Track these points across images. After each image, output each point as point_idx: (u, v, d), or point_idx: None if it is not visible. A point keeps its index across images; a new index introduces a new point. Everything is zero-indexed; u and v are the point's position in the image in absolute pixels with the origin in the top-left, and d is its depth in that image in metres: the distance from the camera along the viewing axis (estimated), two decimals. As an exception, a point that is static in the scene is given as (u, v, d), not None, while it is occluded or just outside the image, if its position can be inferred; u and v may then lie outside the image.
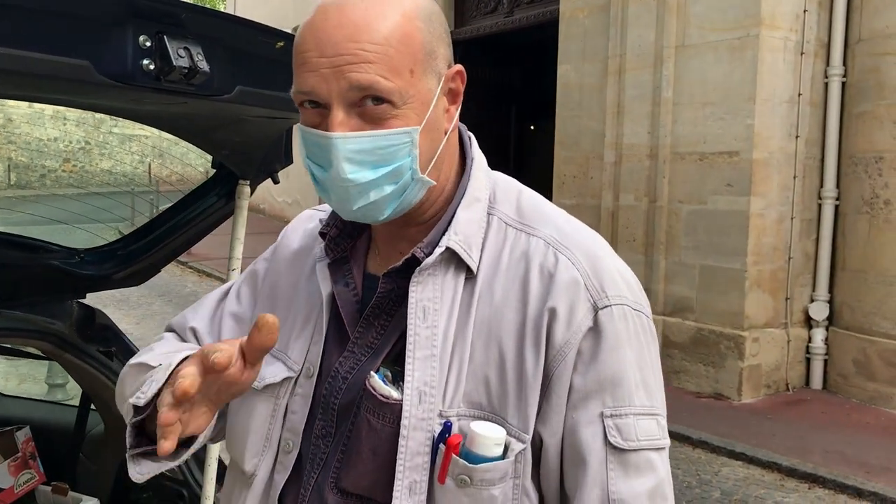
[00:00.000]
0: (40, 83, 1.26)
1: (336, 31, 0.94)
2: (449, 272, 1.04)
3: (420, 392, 1.00)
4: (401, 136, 0.97)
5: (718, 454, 5.90)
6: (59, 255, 2.21)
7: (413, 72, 0.96)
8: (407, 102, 0.96)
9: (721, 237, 7.00)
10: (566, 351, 0.98)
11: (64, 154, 26.61)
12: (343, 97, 0.95)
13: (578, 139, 8.29)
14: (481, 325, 1.02)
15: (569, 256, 1.03)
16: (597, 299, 1.00)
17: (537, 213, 1.09)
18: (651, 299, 7.48)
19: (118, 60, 1.28)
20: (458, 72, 1.04)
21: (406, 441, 1.00)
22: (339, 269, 1.13)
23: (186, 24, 1.34)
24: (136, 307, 10.76)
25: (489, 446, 0.97)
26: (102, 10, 1.26)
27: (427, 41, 0.99)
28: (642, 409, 1.00)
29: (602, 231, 7.92)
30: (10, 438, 2.53)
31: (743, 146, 6.81)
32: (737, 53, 6.82)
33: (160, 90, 1.34)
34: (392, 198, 1.00)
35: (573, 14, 8.30)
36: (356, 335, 1.09)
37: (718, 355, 7.06)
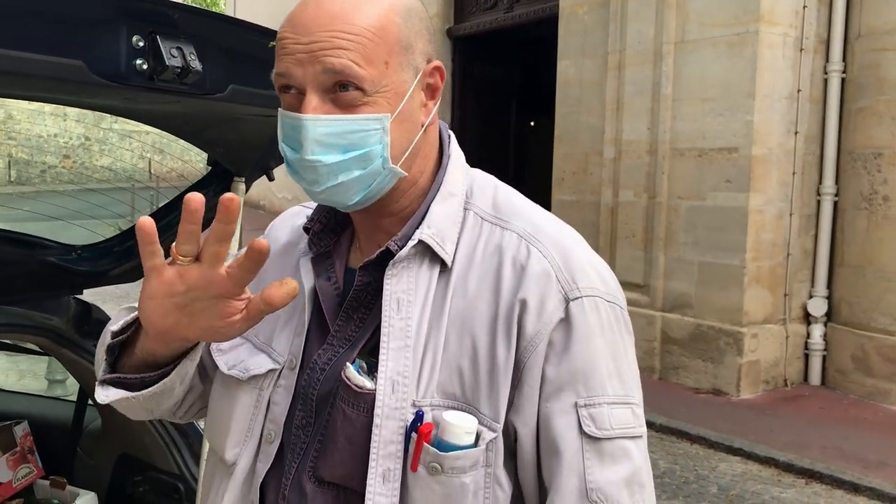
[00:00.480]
0: (35, 83, 1.28)
1: (313, 19, 0.98)
2: (423, 265, 1.06)
3: (393, 382, 1.02)
4: (371, 122, 1.00)
5: (716, 449, 5.92)
6: (55, 252, 2.23)
7: (388, 63, 1.00)
8: (379, 91, 0.99)
9: (720, 233, 7.01)
10: (537, 342, 1.00)
11: (64, 150, 26.63)
12: (317, 81, 0.98)
13: (578, 135, 8.30)
14: (455, 317, 1.04)
15: (540, 249, 1.04)
16: (568, 291, 1.02)
17: (512, 208, 1.11)
18: (650, 295, 7.51)
19: (112, 60, 1.29)
20: (436, 67, 1.07)
21: (379, 430, 1.02)
22: (321, 263, 1.16)
23: (179, 24, 1.36)
24: (135, 302, 10.75)
25: (459, 435, 0.99)
26: (96, 11, 1.28)
27: (404, 35, 1.01)
28: (616, 398, 1.01)
29: (601, 227, 7.94)
30: (8, 433, 2.55)
31: (742, 142, 6.82)
32: (736, 49, 6.82)
33: (154, 89, 1.35)
34: (360, 183, 1.02)
35: (573, 10, 8.30)
36: (336, 328, 1.11)
37: (717, 351, 7.07)
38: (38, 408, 2.96)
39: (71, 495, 2.48)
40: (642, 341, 7.62)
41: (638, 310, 7.63)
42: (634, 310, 7.63)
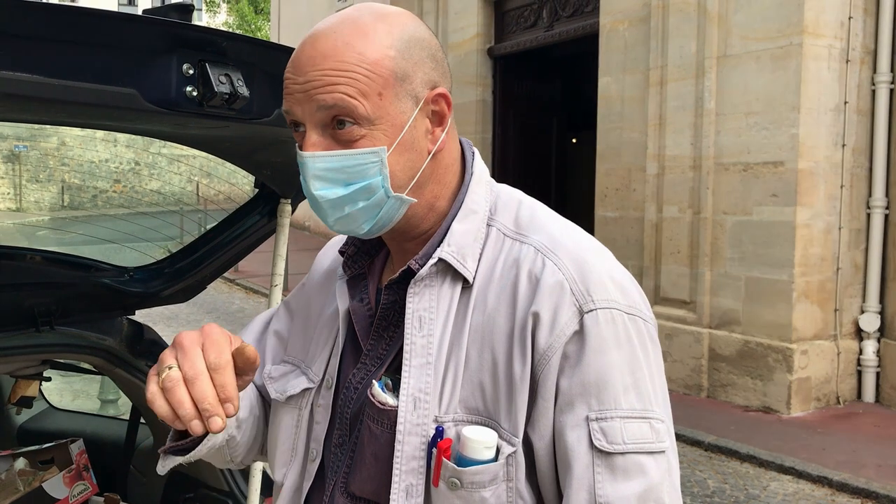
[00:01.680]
0: (91, 111, 1.33)
1: (308, 59, 1.02)
2: (445, 283, 1.08)
3: (415, 399, 1.04)
4: (368, 155, 1.02)
5: (767, 468, 5.81)
6: (109, 274, 2.29)
7: (382, 95, 1.01)
8: (375, 124, 1.02)
9: (767, 248, 6.92)
10: (549, 354, 1.00)
11: (114, 175, 27.27)
12: (314, 118, 1.02)
13: (620, 151, 8.27)
14: (475, 333, 1.05)
15: (555, 261, 1.04)
16: (582, 303, 1.01)
17: (533, 223, 1.11)
18: (697, 312, 7.42)
19: (163, 88, 1.34)
20: (439, 94, 1.07)
21: (402, 446, 1.04)
22: (356, 285, 1.19)
23: (227, 52, 1.40)
24: (185, 324, 10.95)
25: (479, 450, 0.99)
26: (148, 41, 1.33)
27: (400, 67, 1.03)
28: (631, 412, 0.99)
29: (645, 244, 7.89)
30: (65, 451, 2.62)
31: (788, 156, 6.73)
32: (780, 62, 6.75)
33: (203, 115, 1.39)
34: (367, 213, 1.05)
35: (613, 26, 8.30)
36: (368, 347, 1.14)
37: (766, 368, 6.95)
38: (93, 426, 3.03)
39: (124, 512, 2.54)
40: (689, 359, 7.53)
41: (684, 327, 7.55)
42: (681, 327, 7.55)
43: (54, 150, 26.25)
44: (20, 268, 2.14)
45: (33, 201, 26.28)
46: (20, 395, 2.53)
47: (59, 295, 2.16)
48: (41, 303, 2.11)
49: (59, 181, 26.61)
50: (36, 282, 2.16)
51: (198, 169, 25.82)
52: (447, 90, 1.08)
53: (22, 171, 26.06)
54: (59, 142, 26.44)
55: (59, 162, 26.48)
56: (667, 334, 7.67)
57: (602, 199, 8.51)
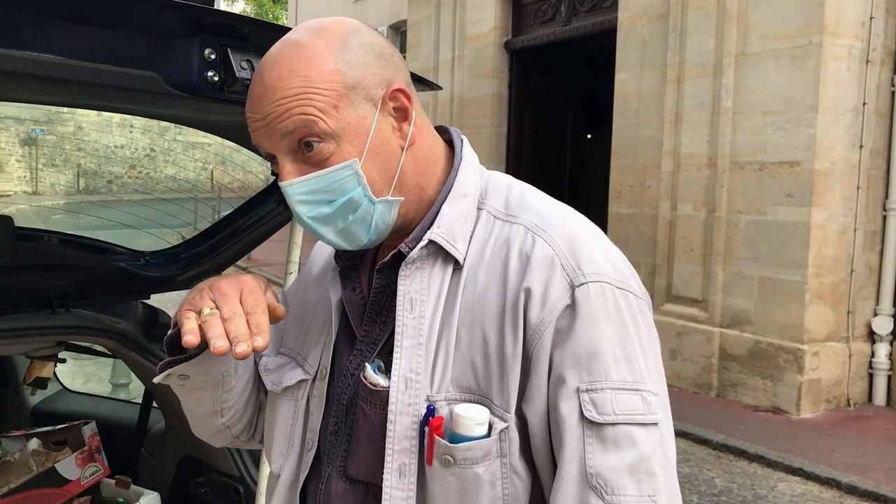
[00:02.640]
0: (113, 93, 1.33)
1: (260, 96, 1.04)
2: (436, 265, 1.09)
3: (406, 379, 1.05)
4: (342, 170, 1.04)
5: (775, 469, 5.80)
6: (125, 258, 2.31)
7: (338, 108, 1.03)
8: (340, 137, 1.03)
9: (781, 248, 6.88)
10: (542, 329, 1.00)
11: (130, 161, 27.39)
12: (281, 147, 1.05)
13: (635, 148, 8.24)
14: (466, 312, 1.06)
15: (545, 238, 1.05)
16: (573, 277, 1.02)
17: (522, 204, 1.12)
18: (708, 311, 7.40)
19: (185, 72, 1.34)
20: (396, 90, 1.07)
21: (394, 426, 1.05)
22: (349, 276, 1.20)
23: (249, 38, 1.40)
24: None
25: (471, 426, 1.00)
26: (171, 25, 1.34)
27: (347, 76, 1.04)
28: (622, 383, 0.99)
29: (659, 241, 7.86)
30: (77, 432, 2.64)
31: (804, 156, 6.69)
32: (799, 62, 6.71)
33: (223, 100, 1.40)
34: (359, 224, 1.07)
35: (632, 22, 8.26)
36: (362, 333, 1.15)
37: (777, 369, 6.93)
38: (105, 409, 3.06)
39: (135, 494, 2.55)
40: (699, 357, 7.51)
41: (696, 325, 7.52)
42: (692, 325, 7.53)
43: (71, 134, 26.39)
44: (38, 249, 2.16)
45: (49, 185, 26.44)
46: (35, 376, 2.55)
47: (75, 277, 2.18)
48: (57, 285, 2.13)
49: (74, 165, 26.76)
50: (53, 264, 2.18)
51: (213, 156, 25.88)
52: (404, 84, 1.08)
53: (38, 154, 26.21)
54: (75, 126, 26.56)
55: (76, 147, 26.62)
56: (678, 332, 7.65)
57: (616, 196, 8.49)
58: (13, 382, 3.04)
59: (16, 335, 2.12)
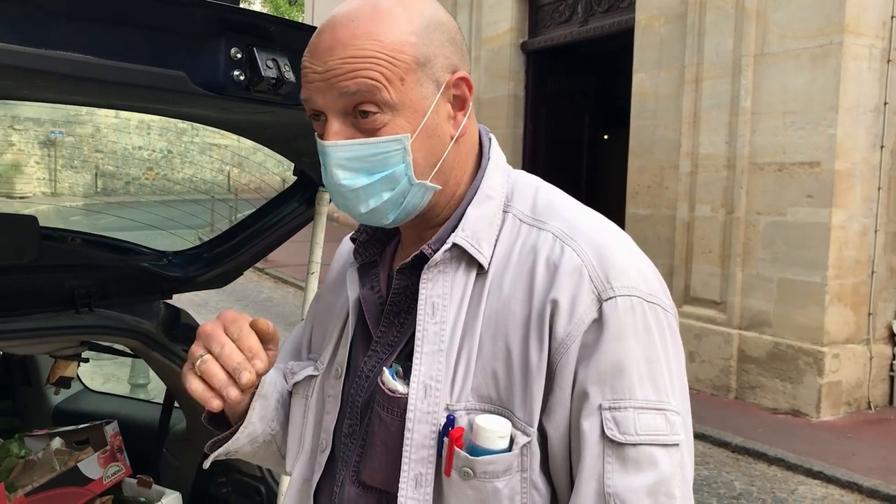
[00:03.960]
0: (140, 93, 1.34)
1: (327, 47, 1.00)
2: (460, 269, 1.06)
3: (426, 386, 1.02)
4: (391, 143, 1.01)
5: (795, 472, 5.75)
6: (148, 258, 2.32)
7: (404, 81, 1.00)
8: (398, 111, 1.00)
9: (800, 250, 6.83)
10: (568, 343, 0.98)
11: (147, 162, 27.56)
12: (335, 107, 1.01)
13: (653, 148, 8.21)
14: (489, 319, 1.03)
15: (574, 248, 1.01)
16: (601, 290, 0.99)
17: (551, 209, 1.08)
18: (727, 313, 7.35)
19: (211, 71, 1.34)
20: (461, 78, 1.06)
21: (412, 434, 1.02)
22: (367, 273, 1.17)
23: (275, 37, 1.40)
24: (215, 311, 11.02)
25: (492, 439, 0.98)
26: (198, 25, 1.33)
27: (421, 52, 1.01)
28: (645, 402, 0.97)
29: (677, 242, 7.82)
30: (99, 432, 2.65)
31: (824, 156, 6.64)
32: (819, 61, 6.66)
33: (249, 100, 1.40)
34: (391, 204, 1.04)
35: (649, 22, 8.23)
36: (379, 334, 1.12)
37: (797, 371, 6.88)
38: (127, 409, 3.07)
39: (157, 494, 2.56)
40: (718, 359, 7.47)
41: (714, 327, 7.48)
42: (710, 327, 7.48)
43: (89, 136, 26.58)
44: (61, 249, 2.17)
45: (67, 186, 26.64)
46: (59, 376, 2.56)
47: (98, 277, 2.19)
48: (81, 284, 2.14)
49: (92, 167, 26.95)
50: (76, 264, 2.19)
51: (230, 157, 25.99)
52: (468, 74, 1.07)
53: (57, 156, 26.42)
54: (93, 128, 26.75)
55: (94, 148, 26.81)
56: (696, 334, 7.61)
57: (633, 197, 8.45)
58: (35, 382, 3.05)
59: (40, 335, 2.13)
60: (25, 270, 2.03)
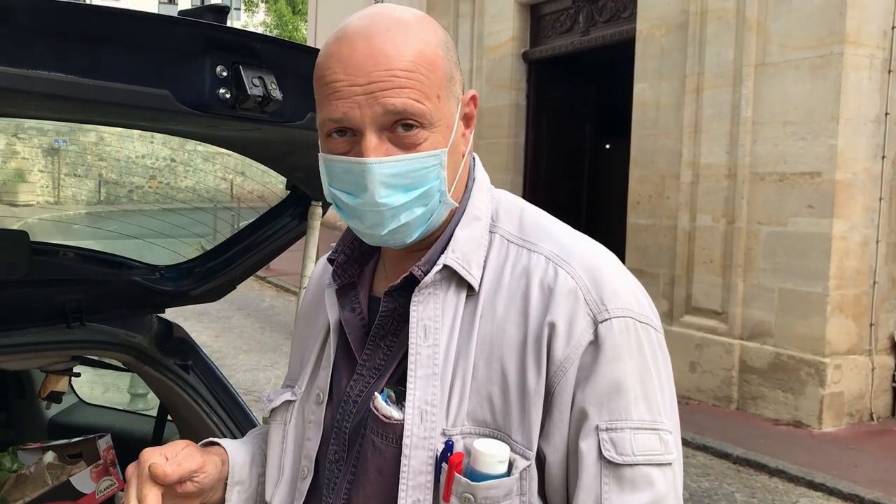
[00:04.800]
0: (123, 111, 1.33)
1: (366, 59, 0.97)
2: (450, 290, 1.05)
3: (422, 411, 1.01)
4: (431, 158, 1.01)
5: (797, 484, 5.73)
6: (140, 272, 2.31)
7: (440, 97, 1.01)
8: (435, 125, 1.00)
9: (802, 260, 6.82)
10: (566, 366, 0.98)
11: (150, 171, 27.63)
12: (376, 122, 0.98)
13: (654, 158, 8.20)
14: (483, 342, 1.02)
15: (568, 270, 1.02)
16: (596, 312, 0.99)
17: (538, 230, 1.08)
18: (728, 323, 7.33)
19: (196, 90, 1.33)
20: (472, 97, 1.08)
21: (409, 460, 1.01)
22: (346, 295, 1.16)
23: (261, 55, 1.39)
24: (216, 320, 11.05)
25: (492, 464, 0.97)
26: (183, 43, 1.33)
27: (448, 68, 1.03)
28: (641, 423, 0.98)
29: (678, 252, 7.81)
30: (92, 446, 2.64)
31: (825, 167, 6.63)
32: (819, 71, 6.65)
33: (235, 117, 1.39)
34: (421, 220, 1.03)
35: (650, 32, 8.23)
36: (364, 358, 1.11)
37: (798, 382, 6.85)
38: (121, 422, 3.06)
39: (149, 508, 2.55)
40: (719, 370, 7.44)
41: (715, 337, 7.46)
42: (711, 337, 7.46)
43: (93, 145, 26.66)
44: (53, 264, 2.16)
45: (71, 195, 26.71)
46: (50, 390, 2.55)
47: (90, 292, 2.18)
48: (72, 299, 2.13)
49: (96, 176, 27.02)
50: (68, 278, 2.18)
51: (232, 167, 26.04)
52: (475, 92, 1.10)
53: (61, 165, 26.49)
54: (97, 137, 26.83)
55: (97, 157, 26.89)
56: (697, 344, 7.58)
57: (634, 206, 8.45)
58: (31, 395, 3.04)
59: (31, 350, 2.12)
60: (16, 285, 2.02)
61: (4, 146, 24.93)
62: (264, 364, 8.84)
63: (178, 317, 2.53)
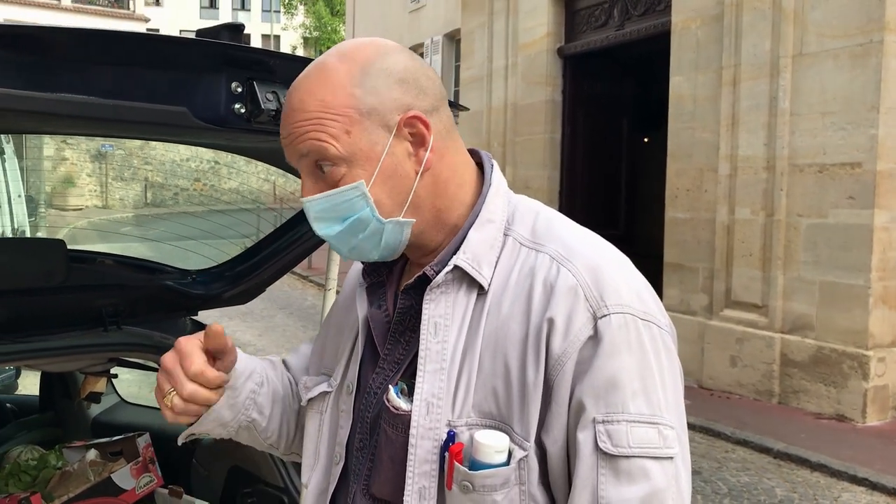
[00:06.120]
0: (143, 128, 1.40)
1: (288, 113, 1.12)
2: (461, 289, 1.11)
3: (428, 403, 1.08)
4: (349, 191, 1.09)
5: (839, 479, 5.66)
6: (173, 276, 2.40)
7: (350, 133, 1.07)
8: (351, 161, 1.08)
9: (843, 252, 6.72)
10: (564, 360, 1.02)
11: (195, 174, 28.07)
12: (301, 166, 1.12)
13: (691, 151, 8.14)
14: (489, 338, 1.07)
15: (570, 268, 1.06)
16: (596, 308, 1.03)
17: (549, 232, 1.13)
18: (769, 316, 7.25)
19: (212, 106, 1.40)
20: (411, 117, 1.09)
21: (415, 449, 1.08)
22: (375, 292, 1.24)
23: (275, 70, 1.45)
24: (259, 319, 11.23)
25: (490, 454, 1.02)
26: (199, 61, 1.39)
27: (363, 103, 1.07)
28: (639, 416, 1.00)
29: (717, 245, 7.74)
30: (132, 444, 2.75)
31: (866, 157, 6.53)
32: (859, 60, 6.55)
33: (251, 131, 1.45)
34: (369, 242, 1.12)
35: (686, 25, 8.17)
36: (385, 352, 1.18)
37: (841, 375, 6.76)
38: (160, 420, 3.16)
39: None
40: (760, 364, 7.37)
41: (756, 331, 7.39)
42: (752, 331, 7.39)
43: (138, 149, 27.17)
44: (90, 270, 2.26)
45: (118, 199, 27.27)
46: (89, 391, 2.66)
47: (125, 296, 2.27)
48: (109, 304, 2.22)
49: (142, 179, 27.54)
50: (105, 284, 2.28)
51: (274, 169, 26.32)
52: (424, 109, 1.10)
53: (108, 169, 27.07)
54: (142, 141, 27.31)
55: (143, 161, 27.41)
56: (738, 338, 7.52)
57: (672, 200, 8.39)
58: (75, 395, 3.16)
59: (70, 353, 2.22)
60: (55, 292, 2.12)
61: (54, 152, 25.54)
62: (306, 362, 8.95)
63: (222, 317, 2.62)
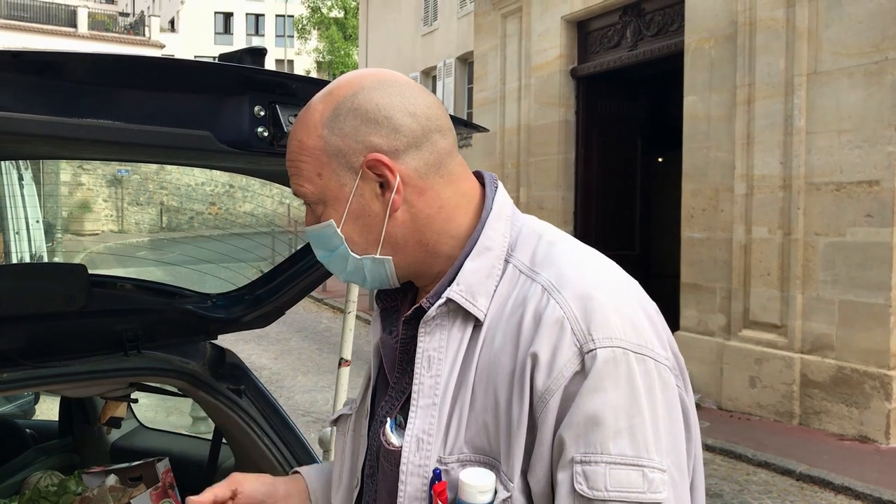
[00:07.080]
0: (167, 152, 1.40)
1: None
2: (456, 322, 1.07)
3: (419, 439, 1.05)
4: (325, 228, 1.12)
5: (864, 501, 5.58)
6: (193, 300, 2.39)
7: (321, 175, 1.09)
8: (325, 201, 1.11)
9: (862, 270, 6.66)
10: (547, 397, 0.97)
11: (210, 198, 28.25)
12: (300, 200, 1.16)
13: (706, 171, 8.11)
14: (482, 372, 1.04)
15: (558, 300, 1.01)
16: (583, 343, 0.97)
17: (548, 258, 1.08)
18: (788, 336, 7.19)
19: (235, 129, 1.40)
20: (373, 160, 1.06)
21: (405, 486, 1.05)
22: (388, 317, 1.22)
23: (297, 93, 1.45)
24: (275, 342, 11.23)
25: (473, 494, 0.99)
26: (223, 85, 1.40)
27: (330, 144, 1.08)
28: (620, 458, 0.94)
29: (734, 265, 7.69)
30: (152, 469, 2.73)
31: (883, 175, 6.49)
32: (874, 78, 6.52)
33: (273, 154, 1.45)
34: (356, 273, 1.15)
35: (699, 45, 8.18)
36: (394, 380, 1.16)
37: (863, 395, 6.67)
38: (179, 446, 3.15)
39: (206, 530, 2.62)
40: (780, 384, 7.29)
41: (775, 351, 7.32)
42: (771, 351, 7.32)
43: (153, 174, 27.38)
44: (110, 295, 2.26)
45: (134, 223, 27.46)
46: (109, 416, 2.65)
47: (145, 320, 2.26)
48: (129, 328, 2.22)
49: (157, 204, 27.73)
50: (124, 308, 2.27)
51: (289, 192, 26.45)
52: (392, 150, 1.06)
53: (124, 194, 27.28)
54: (158, 166, 27.55)
55: (158, 185, 27.61)
56: (756, 359, 7.45)
57: (688, 220, 8.36)
58: (94, 420, 3.16)
59: (91, 377, 2.21)
60: (76, 316, 2.12)
61: (70, 177, 25.78)
62: (322, 385, 8.96)
63: (238, 340, 2.62)
